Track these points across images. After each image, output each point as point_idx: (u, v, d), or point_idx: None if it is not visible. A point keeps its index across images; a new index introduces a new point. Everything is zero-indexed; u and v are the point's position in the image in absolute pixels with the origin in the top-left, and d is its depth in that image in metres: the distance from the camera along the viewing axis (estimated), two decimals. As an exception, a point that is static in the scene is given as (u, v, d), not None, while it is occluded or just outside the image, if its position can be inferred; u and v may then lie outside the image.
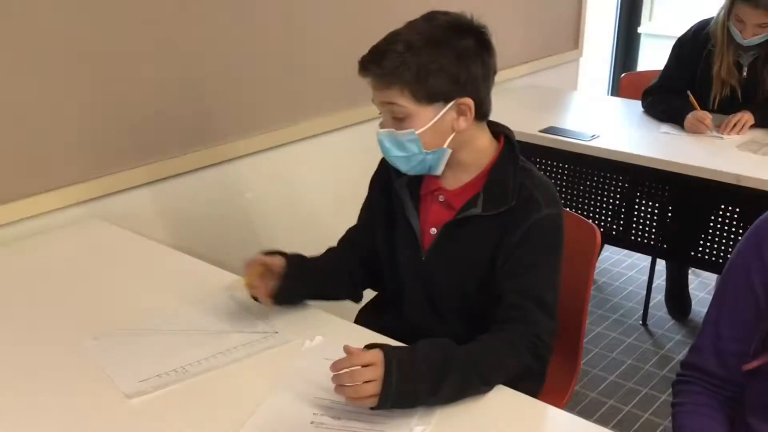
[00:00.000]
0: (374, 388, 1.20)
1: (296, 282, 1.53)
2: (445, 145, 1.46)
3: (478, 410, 1.28)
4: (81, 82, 1.95)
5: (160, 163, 2.16)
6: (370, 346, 1.26)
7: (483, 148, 1.51)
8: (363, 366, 1.22)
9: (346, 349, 1.25)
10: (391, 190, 1.60)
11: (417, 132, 1.42)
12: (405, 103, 1.40)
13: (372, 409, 1.22)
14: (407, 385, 1.22)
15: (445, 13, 1.45)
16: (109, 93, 2.01)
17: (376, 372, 1.21)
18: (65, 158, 1.97)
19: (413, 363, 1.25)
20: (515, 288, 1.45)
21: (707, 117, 2.80)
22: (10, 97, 1.82)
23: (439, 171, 1.50)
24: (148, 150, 2.13)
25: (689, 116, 2.83)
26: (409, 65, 1.37)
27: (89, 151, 2.01)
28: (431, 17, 1.44)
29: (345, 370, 1.22)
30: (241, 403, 1.27)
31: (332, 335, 1.46)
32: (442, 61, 1.38)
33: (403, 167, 1.49)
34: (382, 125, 1.47)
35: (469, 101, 1.42)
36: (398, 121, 1.43)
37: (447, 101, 1.42)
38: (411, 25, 1.43)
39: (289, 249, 1.60)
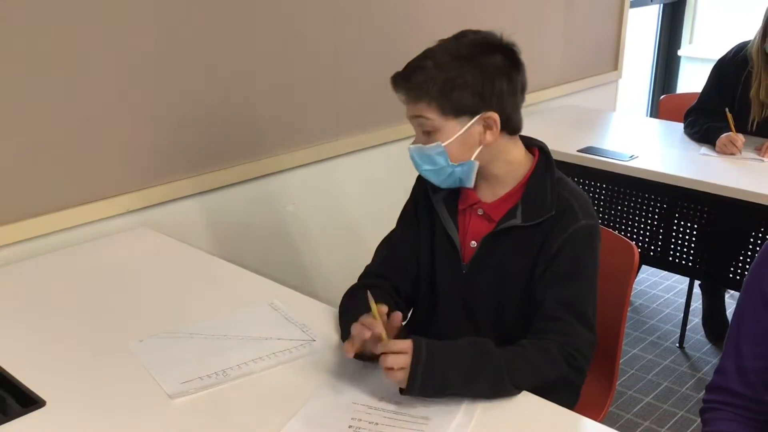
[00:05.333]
0: (402, 374, 1.27)
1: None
2: (472, 158, 1.48)
3: (517, 421, 1.29)
4: (135, 95, 2.02)
5: (207, 175, 2.22)
6: (403, 336, 1.32)
7: (516, 160, 1.53)
8: (393, 353, 1.27)
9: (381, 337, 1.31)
10: (428, 205, 1.62)
11: (443, 144, 1.46)
12: (432, 116, 1.44)
13: (402, 393, 1.28)
14: (435, 372, 1.28)
15: (476, 32, 1.49)
16: (161, 106, 2.08)
17: (405, 360, 1.27)
18: (118, 168, 2.03)
19: (446, 353, 1.30)
20: (554, 298, 1.46)
21: (739, 139, 2.79)
22: (66, 108, 1.89)
23: (470, 183, 1.53)
24: (196, 162, 2.20)
25: (722, 137, 2.82)
26: (435, 80, 1.42)
27: (141, 162, 2.08)
28: (461, 35, 1.49)
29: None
30: (279, 407, 1.30)
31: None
32: (466, 76, 1.42)
33: (434, 180, 1.53)
34: (414, 142, 1.51)
35: (495, 115, 1.45)
36: (427, 135, 1.47)
37: (473, 115, 1.45)
38: (442, 42, 1.48)
39: (329, 261, 1.63)
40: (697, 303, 3.34)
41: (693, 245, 2.77)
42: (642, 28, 4.83)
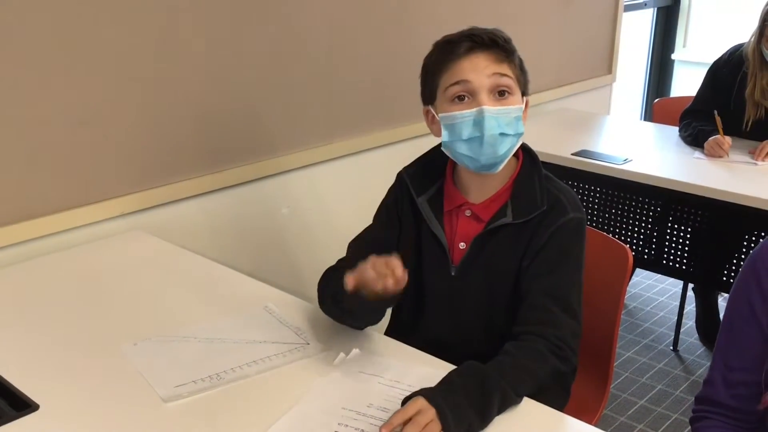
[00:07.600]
0: (436, 426, 1.19)
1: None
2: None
3: (511, 425, 1.29)
4: (130, 98, 2.02)
5: (201, 178, 2.22)
6: (404, 402, 1.24)
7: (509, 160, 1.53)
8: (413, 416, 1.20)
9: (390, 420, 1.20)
10: (412, 207, 1.60)
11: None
12: (513, 76, 1.47)
13: None
14: (461, 417, 1.22)
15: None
16: (155, 109, 2.08)
17: (429, 414, 1.19)
18: (112, 171, 2.03)
19: (457, 399, 1.24)
20: (539, 288, 1.46)
21: (726, 142, 2.80)
22: (60, 111, 1.89)
23: (500, 168, 1.49)
24: (190, 165, 2.19)
25: (709, 140, 2.83)
26: (515, 50, 1.49)
27: (135, 165, 2.07)
28: (477, 28, 1.51)
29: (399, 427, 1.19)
30: (273, 411, 1.29)
31: (363, 348, 1.49)
32: (522, 61, 1.51)
33: (500, 150, 1.45)
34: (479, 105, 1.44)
35: (528, 102, 1.51)
36: (502, 97, 1.46)
37: (524, 95, 1.51)
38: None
39: (324, 265, 1.63)
40: (691, 306, 3.35)
41: (686, 248, 2.78)
42: (636, 32, 4.85)
